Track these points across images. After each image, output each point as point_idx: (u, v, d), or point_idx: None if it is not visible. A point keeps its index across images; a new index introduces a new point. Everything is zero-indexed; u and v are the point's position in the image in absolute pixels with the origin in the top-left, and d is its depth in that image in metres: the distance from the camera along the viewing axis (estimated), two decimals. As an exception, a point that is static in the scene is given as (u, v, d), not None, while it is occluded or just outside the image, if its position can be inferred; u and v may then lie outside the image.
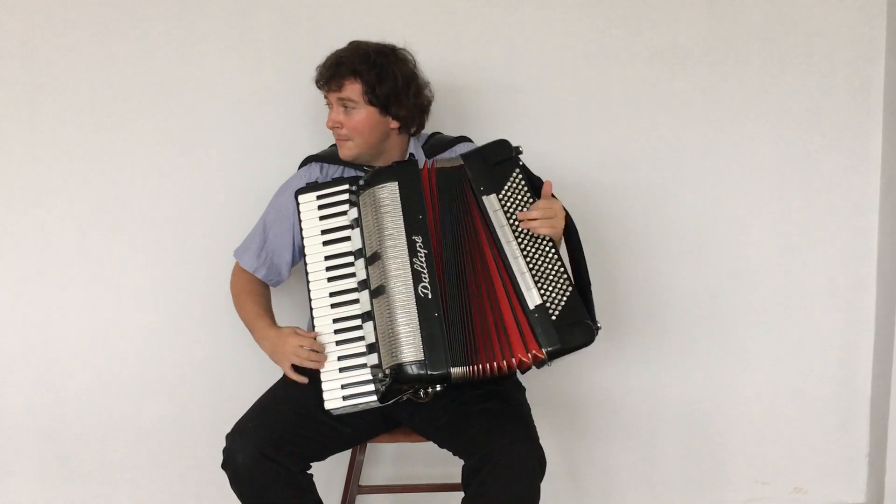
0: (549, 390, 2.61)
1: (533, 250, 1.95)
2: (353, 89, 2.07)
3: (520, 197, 1.98)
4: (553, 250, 1.96)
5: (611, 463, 2.70)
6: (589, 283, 2.02)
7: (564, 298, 1.92)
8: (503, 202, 1.97)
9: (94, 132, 2.44)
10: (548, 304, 1.91)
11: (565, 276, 1.94)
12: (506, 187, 1.98)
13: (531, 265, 1.94)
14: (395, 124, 2.13)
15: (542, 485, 1.92)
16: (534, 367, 1.96)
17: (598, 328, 1.94)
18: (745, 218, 2.62)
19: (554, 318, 1.91)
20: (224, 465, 1.97)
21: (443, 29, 2.48)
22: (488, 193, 1.98)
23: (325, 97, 2.14)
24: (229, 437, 1.98)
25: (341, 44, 2.14)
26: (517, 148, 2.02)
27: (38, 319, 2.50)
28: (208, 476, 2.20)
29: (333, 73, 2.08)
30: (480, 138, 2.30)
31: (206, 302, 2.49)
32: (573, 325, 1.91)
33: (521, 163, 2.01)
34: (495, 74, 2.51)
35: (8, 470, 2.54)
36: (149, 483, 2.58)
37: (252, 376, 2.40)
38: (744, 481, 2.73)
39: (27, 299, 2.49)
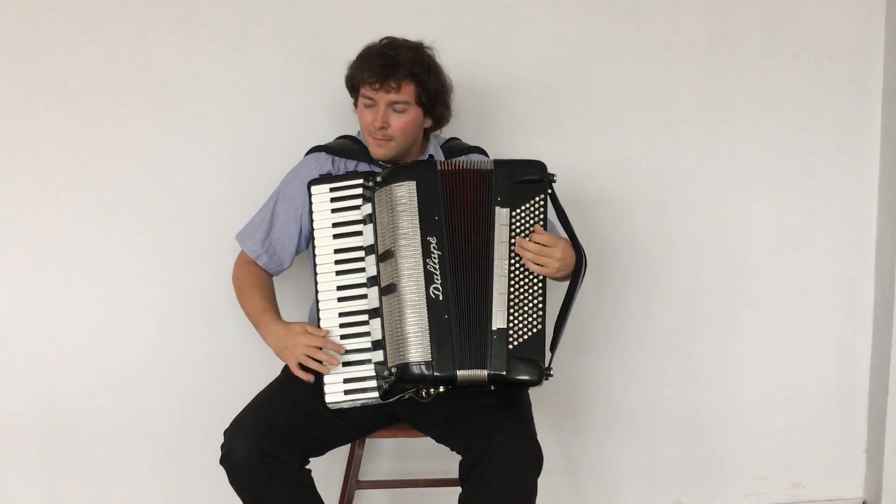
0: (548, 388, 2.59)
1: (521, 277, 1.94)
2: (408, 91, 2.01)
3: (534, 222, 1.95)
4: (541, 287, 1.95)
5: (610, 459, 2.70)
6: (562, 327, 2.01)
7: (529, 334, 1.92)
8: (514, 220, 1.95)
9: (95, 129, 2.43)
10: (510, 332, 1.91)
11: (541, 315, 1.93)
12: (522, 207, 1.96)
13: (512, 290, 1.93)
14: (428, 123, 2.11)
15: (541, 481, 1.92)
16: None
17: (549, 374, 1.93)
18: (743, 215, 2.62)
19: (511, 346, 1.91)
20: (222, 461, 1.96)
21: (441, 26, 2.46)
22: (503, 206, 1.95)
23: (366, 95, 2.03)
24: (227, 432, 1.98)
25: (342, 40, 2.13)
26: (551, 175, 1.98)
27: (37, 317, 2.48)
28: (208, 472, 2.20)
29: (390, 73, 1.99)
30: (476, 138, 2.31)
31: (207, 299, 2.48)
32: (525, 360, 1.91)
33: (550, 190, 1.98)
34: (494, 73, 2.50)
35: (8, 467, 2.54)
36: (148, 479, 2.57)
37: (252, 372, 2.39)
38: (742, 476, 2.74)
39: (27, 296, 2.48)
